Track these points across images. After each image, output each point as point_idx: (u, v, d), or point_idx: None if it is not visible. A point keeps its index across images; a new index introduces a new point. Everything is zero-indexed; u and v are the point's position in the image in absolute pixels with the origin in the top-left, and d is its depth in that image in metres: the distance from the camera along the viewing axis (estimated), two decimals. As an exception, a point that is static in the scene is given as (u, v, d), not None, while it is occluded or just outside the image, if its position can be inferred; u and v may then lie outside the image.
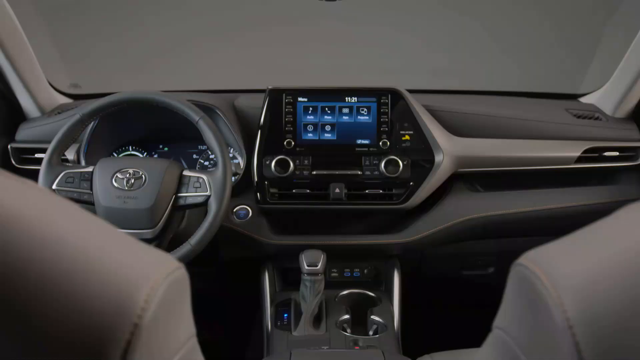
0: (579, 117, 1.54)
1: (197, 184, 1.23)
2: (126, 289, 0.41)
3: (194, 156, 1.57)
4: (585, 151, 1.44)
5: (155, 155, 1.56)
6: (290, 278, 1.47)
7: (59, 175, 1.25)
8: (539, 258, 0.48)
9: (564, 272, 0.45)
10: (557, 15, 2.16)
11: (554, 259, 0.47)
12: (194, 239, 1.20)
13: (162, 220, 1.22)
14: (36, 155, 1.48)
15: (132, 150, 1.56)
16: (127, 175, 1.23)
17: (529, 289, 0.47)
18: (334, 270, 1.47)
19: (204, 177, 1.23)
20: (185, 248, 1.20)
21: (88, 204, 1.24)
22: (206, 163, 1.55)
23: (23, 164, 1.50)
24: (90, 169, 1.26)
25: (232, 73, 2.20)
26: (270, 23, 2.22)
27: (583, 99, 1.69)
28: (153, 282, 0.42)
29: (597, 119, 1.54)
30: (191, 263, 1.20)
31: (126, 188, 1.21)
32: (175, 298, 0.46)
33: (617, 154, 1.47)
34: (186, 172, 1.25)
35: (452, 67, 2.26)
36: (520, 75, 2.19)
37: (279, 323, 1.29)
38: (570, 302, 0.42)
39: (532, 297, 0.47)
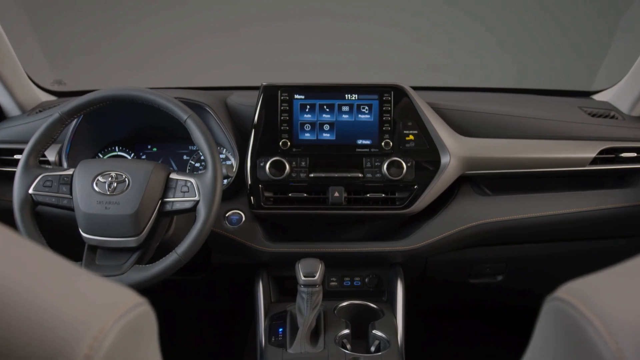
0: (593, 115, 1.46)
1: (185, 188, 1.15)
2: (60, 343, 0.32)
3: (184, 157, 1.49)
4: (601, 152, 1.37)
5: (143, 156, 1.49)
6: (286, 286, 1.40)
7: (36, 178, 1.17)
8: (586, 294, 0.39)
9: (622, 313, 0.36)
10: (568, 9, 2.08)
11: (606, 296, 0.38)
12: (180, 248, 1.11)
13: (147, 227, 1.14)
14: (15, 157, 1.39)
15: (119, 150, 1.48)
16: (109, 178, 1.14)
17: (573, 332, 0.38)
18: (333, 278, 1.39)
19: (192, 180, 1.15)
20: (171, 258, 1.11)
21: (67, 209, 1.16)
22: (197, 164, 1.47)
23: (1, 166, 1.41)
24: (70, 171, 1.18)
25: (226, 71, 2.14)
26: (265, 20, 2.18)
27: (596, 97, 1.62)
28: (98, 331, 0.33)
29: (612, 117, 1.46)
30: (180, 270, 1.12)
31: (108, 192, 1.13)
32: (131, 343, 0.37)
33: (635, 154, 1.39)
34: (173, 175, 1.17)
35: (453, 64, 2.19)
36: (529, 71, 2.11)
37: (273, 339, 1.20)
38: (635, 356, 0.33)
39: (577, 342, 0.37)
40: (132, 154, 1.48)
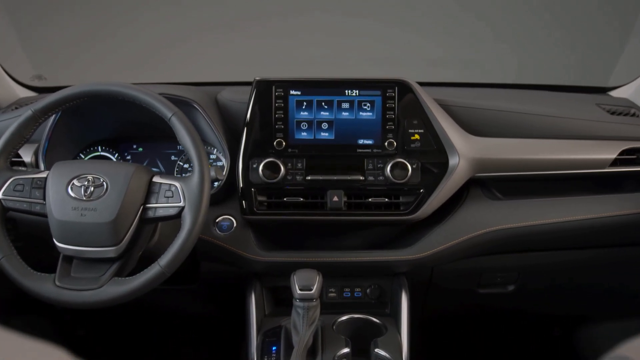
0: (612, 113, 1.40)
1: (169, 193, 1.06)
2: None
3: (172, 157, 1.40)
4: (621, 152, 1.29)
5: (128, 157, 1.40)
6: (282, 296, 1.32)
7: (6, 182, 1.08)
8: None
9: None
10: (580, 4, 2.00)
11: None
12: (164, 260, 1.02)
13: (127, 236, 1.05)
14: None
15: (102, 151, 1.39)
16: (86, 182, 1.05)
17: None
18: (332, 289, 1.31)
19: (177, 184, 1.06)
20: (153, 270, 1.02)
21: (40, 216, 1.08)
22: (186, 165, 1.39)
23: None
24: (43, 174, 1.09)
25: (224, 70, 2.06)
26: (262, 16, 2.13)
27: (614, 93, 1.54)
28: None
29: (633, 115, 1.40)
30: (166, 280, 1.04)
31: (84, 198, 1.04)
32: None
33: (658, 156, 1.30)
34: (156, 179, 1.08)
35: (458, 58, 2.11)
36: (538, 67, 2.03)
37: (265, 358, 1.11)
38: None
39: None
40: (117, 155, 1.40)
